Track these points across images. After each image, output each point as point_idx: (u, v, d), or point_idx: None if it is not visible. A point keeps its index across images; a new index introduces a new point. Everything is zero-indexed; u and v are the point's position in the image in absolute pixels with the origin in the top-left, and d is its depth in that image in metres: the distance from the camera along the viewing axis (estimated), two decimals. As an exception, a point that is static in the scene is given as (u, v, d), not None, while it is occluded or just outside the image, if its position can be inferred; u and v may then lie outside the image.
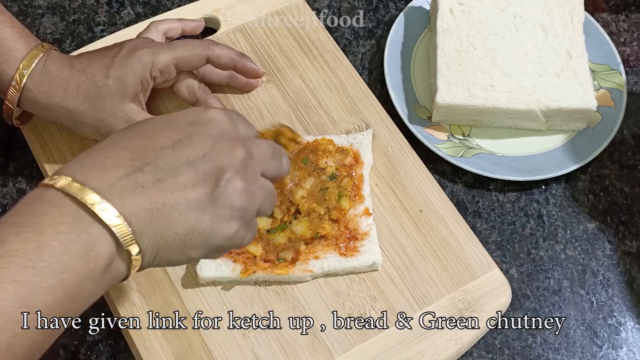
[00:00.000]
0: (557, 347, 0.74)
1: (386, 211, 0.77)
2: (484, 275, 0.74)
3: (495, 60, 0.85)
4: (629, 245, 0.80)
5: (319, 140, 0.78)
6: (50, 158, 0.79)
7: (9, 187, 0.80)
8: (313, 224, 0.73)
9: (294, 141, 0.66)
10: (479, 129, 0.85)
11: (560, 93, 0.83)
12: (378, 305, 0.72)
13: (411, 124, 0.83)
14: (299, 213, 0.74)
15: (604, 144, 0.83)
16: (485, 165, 0.81)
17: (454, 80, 0.83)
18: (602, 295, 0.77)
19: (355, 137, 0.79)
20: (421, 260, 0.75)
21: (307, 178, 0.76)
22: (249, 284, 0.73)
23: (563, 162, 0.82)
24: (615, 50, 0.89)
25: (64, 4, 0.92)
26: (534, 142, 0.84)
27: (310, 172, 0.76)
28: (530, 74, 0.84)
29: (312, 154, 0.77)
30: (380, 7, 0.95)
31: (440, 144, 0.82)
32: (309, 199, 0.75)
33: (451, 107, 0.82)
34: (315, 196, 0.75)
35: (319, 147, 0.77)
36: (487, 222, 0.81)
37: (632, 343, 0.75)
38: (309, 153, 0.77)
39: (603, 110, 0.85)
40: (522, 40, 0.86)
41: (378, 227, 0.76)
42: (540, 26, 0.87)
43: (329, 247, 0.73)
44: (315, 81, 0.84)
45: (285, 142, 0.65)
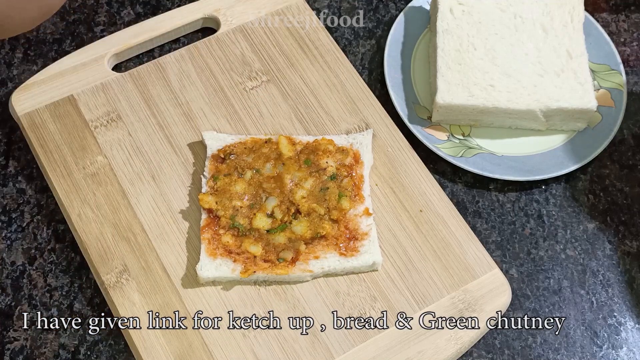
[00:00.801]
0: (557, 347, 0.74)
1: (386, 211, 0.77)
2: (484, 275, 0.74)
3: (495, 60, 0.85)
4: (629, 245, 0.80)
5: (319, 140, 0.78)
6: (50, 158, 0.79)
7: (9, 187, 0.80)
8: (313, 224, 0.73)
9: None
10: (479, 129, 0.85)
11: (560, 93, 0.83)
12: (378, 305, 0.72)
13: (411, 124, 0.83)
14: (299, 213, 0.74)
15: (604, 144, 0.83)
16: (485, 165, 0.81)
17: (454, 81, 0.83)
18: (602, 295, 0.77)
19: (355, 137, 0.79)
20: (421, 260, 0.75)
21: (307, 178, 0.76)
22: (249, 283, 0.73)
23: (563, 162, 0.82)
24: (615, 50, 0.89)
25: (64, 3, 0.92)
26: (534, 142, 0.84)
27: (311, 172, 0.76)
28: (530, 74, 0.84)
29: (313, 154, 0.77)
30: (380, 7, 0.95)
31: (440, 144, 0.82)
32: (309, 199, 0.75)
33: (451, 107, 0.82)
34: (316, 196, 0.75)
35: (319, 147, 0.77)
36: (487, 222, 0.81)
37: (632, 343, 0.75)
38: (309, 153, 0.77)
39: (603, 110, 0.86)
40: (522, 40, 0.86)
41: (378, 227, 0.76)
42: (540, 26, 0.87)
43: (329, 247, 0.73)
44: (315, 81, 0.84)
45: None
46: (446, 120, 0.84)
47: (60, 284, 0.75)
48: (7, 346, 0.72)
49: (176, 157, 0.80)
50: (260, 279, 0.72)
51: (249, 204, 0.74)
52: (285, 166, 0.76)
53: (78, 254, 0.76)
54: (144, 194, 0.77)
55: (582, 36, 0.87)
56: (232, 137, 0.79)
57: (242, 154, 0.77)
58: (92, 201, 0.76)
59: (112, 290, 0.72)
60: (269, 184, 0.75)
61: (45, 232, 0.78)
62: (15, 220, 0.78)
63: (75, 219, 0.76)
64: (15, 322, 0.73)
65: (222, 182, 0.75)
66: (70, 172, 0.78)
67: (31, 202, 0.79)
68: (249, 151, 0.77)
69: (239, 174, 0.76)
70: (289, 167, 0.76)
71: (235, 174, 0.76)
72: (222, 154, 0.77)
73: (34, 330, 0.73)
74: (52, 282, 0.75)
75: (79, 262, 0.76)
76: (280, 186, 0.75)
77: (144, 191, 0.77)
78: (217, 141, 0.78)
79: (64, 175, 0.78)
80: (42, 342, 0.72)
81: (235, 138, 0.78)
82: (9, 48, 0.89)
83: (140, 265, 0.73)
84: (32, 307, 0.74)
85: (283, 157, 0.77)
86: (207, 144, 0.78)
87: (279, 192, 0.75)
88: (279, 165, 0.76)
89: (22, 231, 0.78)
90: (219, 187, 0.75)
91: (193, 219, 0.76)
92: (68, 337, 0.73)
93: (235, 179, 0.75)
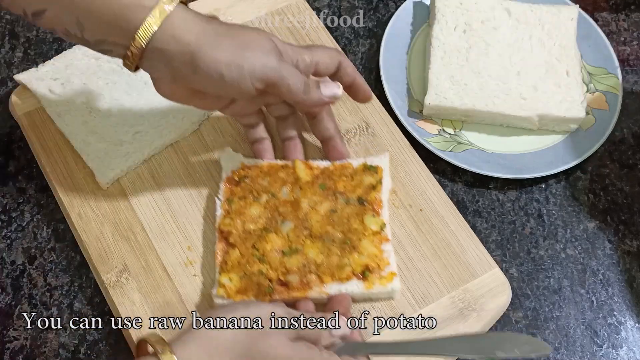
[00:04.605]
0: (557, 347, 0.74)
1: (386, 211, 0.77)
2: (484, 274, 0.74)
3: (488, 64, 0.85)
4: (629, 244, 0.80)
5: (336, 164, 0.76)
6: (50, 158, 0.79)
7: (9, 186, 0.80)
8: (326, 247, 0.71)
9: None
10: (471, 124, 0.85)
11: (551, 101, 0.83)
12: (378, 305, 0.72)
13: (403, 116, 0.83)
14: (314, 237, 0.72)
15: (595, 147, 0.83)
16: (474, 161, 0.81)
17: (446, 83, 0.83)
18: (602, 295, 0.77)
19: (372, 160, 0.77)
20: (421, 260, 0.75)
21: (323, 202, 0.73)
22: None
23: (553, 162, 0.82)
24: (613, 54, 0.89)
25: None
26: (525, 141, 0.84)
27: (327, 196, 0.74)
28: (521, 80, 0.84)
29: (329, 178, 0.75)
30: (380, 7, 0.95)
31: (430, 138, 0.82)
32: (325, 223, 0.72)
33: (440, 108, 0.83)
34: (331, 220, 0.73)
35: (335, 172, 0.76)
36: (487, 222, 0.81)
37: (632, 342, 0.75)
38: (326, 178, 0.75)
39: (597, 113, 0.85)
40: (517, 47, 0.86)
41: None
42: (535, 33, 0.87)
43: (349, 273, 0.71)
44: (315, 80, 0.84)
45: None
46: (437, 115, 0.84)
47: (60, 283, 0.75)
48: (7, 345, 0.72)
49: (176, 156, 0.80)
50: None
51: (263, 227, 0.72)
52: (302, 191, 0.74)
53: (78, 253, 0.76)
54: (143, 193, 0.77)
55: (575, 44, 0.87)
56: (248, 160, 0.76)
57: (257, 177, 0.75)
58: (92, 200, 0.76)
59: (112, 290, 0.72)
60: (285, 208, 0.73)
61: (45, 231, 0.78)
62: (15, 219, 0.78)
63: (75, 218, 0.76)
64: (15, 321, 0.73)
65: (237, 205, 0.73)
66: (70, 171, 0.78)
67: (31, 202, 0.79)
68: (265, 175, 0.75)
69: (255, 198, 0.74)
70: (306, 191, 0.74)
71: (250, 198, 0.74)
72: (236, 177, 0.75)
73: (34, 330, 0.73)
74: (52, 282, 0.75)
75: (79, 262, 0.76)
76: (296, 210, 0.73)
77: (143, 190, 0.77)
78: (233, 162, 0.76)
79: (64, 174, 0.78)
80: (42, 342, 0.72)
81: (251, 161, 0.76)
82: (8, 48, 0.89)
83: (140, 264, 0.73)
84: (32, 306, 0.74)
85: (300, 181, 0.74)
86: (222, 165, 0.76)
87: (294, 216, 0.73)
88: (295, 190, 0.74)
89: (22, 230, 0.78)
90: (234, 210, 0.73)
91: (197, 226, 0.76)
92: (68, 337, 0.73)
93: (251, 202, 0.73)
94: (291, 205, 0.73)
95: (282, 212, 0.73)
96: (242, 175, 0.75)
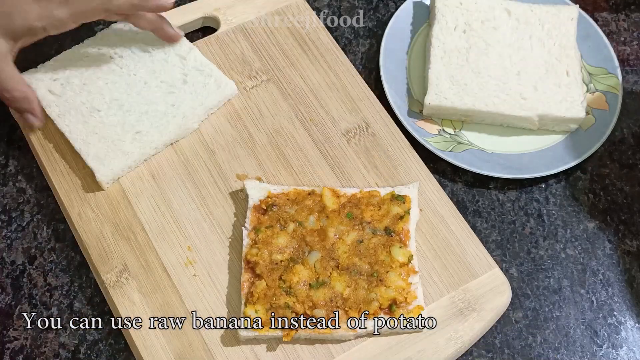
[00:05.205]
0: (557, 347, 0.74)
1: (386, 210, 0.77)
2: (484, 274, 0.74)
3: (488, 65, 0.85)
4: (629, 244, 0.80)
5: (364, 192, 0.75)
6: (50, 158, 0.79)
7: (9, 186, 0.80)
8: (353, 280, 0.70)
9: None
10: (471, 124, 0.85)
11: (550, 101, 0.83)
12: (378, 304, 0.72)
13: (403, 116, 0.83)
14: (341, 269, 0.71)
15: (595, 147, 0.83)
16: (474, 161, 0.81)
17: (446, 83, 0.83)
18: (602, 295, 0.77)
19: (400, 189, 0.76)
20: (421, 260, 0.75)
21: (350, 232, 0.73)
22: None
23: (553, 162, 0.82)
24: (613, 54, 0.89)
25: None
26: (525, 141, 0.84)
27: (354, 226, 0.73)
28: (523, 82, 0.84)
29: (356, 207, 0.74)
30: (380, 7, 0.95)
31: (430, 138, 0.82)
32: (352, 254, 0.72)
33: (439, 108, 0.82)
34: (358, 251, 0.72)
35: (362, 200, 0.75)
36: (487, 222, 0.81)
37: (632, 342, 0.75)
38: (352, 207, 0.74)
39: (597, 113, 0.85)
40: (517, 47, 0.86)
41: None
42: (535, 33, 0.87)
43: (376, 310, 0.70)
44: (315, 80, 0.84)
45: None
46: (437, 115, 0.84)
47: (60, 283, 0.75)
48: (7, 345, 0.72)
49: (176, 156, 0.80)
50: (302, 337, 0.70)
51: (290, 257, 0.71)
52: (329, 219, 0.73)
53: (78, 253, 0.76)
54: (143, 193, 0.77)
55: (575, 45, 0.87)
56: (275, 187, 0.76)
57: (285, 205, 0.74)
58: (92, 200, 0.76)
59: (112, 290, 0.72)
60: (312, 237, 0.72)
61: (45, 231, 0.78)
62: (15, 219, 0.78)
63: (75, 218, 0.76)
64: (15, 321, 0.73)
65: (264, 235, 0.72)
66: (70, 171, 0.78)
67: (31, 202, 0.79)
68: (292, 202, 0.74)
69: (282, 227, 0.73)
70: (333, 220, 0.73)
71: (277, 227, 0.73)
72: (264, 205, 0.74)
73: (34, 330, 0.73)
74: (52, 282, 0.75)
75: (79, 262, 0.76)
76: (323, 240, 0.72)
77: (143, 190, 0.77)
78: (259, 191, 0.75)
79: (64, 174, 0.78)
80: (42, 342, 0.72)
81: (277, 189, 0.76)
82: (9, 47, 0.89)
83: (140, 264, 0.73)
84: (32, 306, 0.74)
85: (327, 209, 0.74)
86: (248, 194, 0.75)
87: (321, 246, 0.72)
88: (322, 218, 0.73)
89: (22, 230, 0.78)
90: (261, 240, 0.72)
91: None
92: (68, 337, 0.73)
93: (278, 231, 0.73)
94: (318, 234, 0.72)
95: (309, 242, 0.72)
96: (269, 204, 0.74)
